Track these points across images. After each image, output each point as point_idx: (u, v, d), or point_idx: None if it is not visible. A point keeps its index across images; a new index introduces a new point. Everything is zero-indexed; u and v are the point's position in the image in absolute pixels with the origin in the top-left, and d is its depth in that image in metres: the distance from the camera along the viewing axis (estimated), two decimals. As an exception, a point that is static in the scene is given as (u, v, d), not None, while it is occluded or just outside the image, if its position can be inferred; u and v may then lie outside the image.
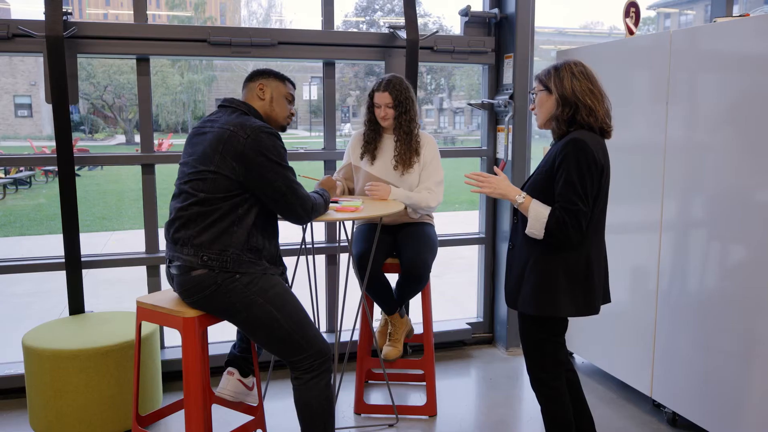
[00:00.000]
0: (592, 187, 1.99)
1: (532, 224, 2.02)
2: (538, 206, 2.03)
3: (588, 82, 2.06)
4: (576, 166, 1.96)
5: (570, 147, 1.98)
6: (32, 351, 2.64)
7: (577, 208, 1.96)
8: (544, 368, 2.16)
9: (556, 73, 2.08)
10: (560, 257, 2.04)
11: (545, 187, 2.05)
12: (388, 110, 2.86)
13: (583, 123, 2.04)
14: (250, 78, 2.33)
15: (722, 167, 2.47)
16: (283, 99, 2.33)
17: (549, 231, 1.99)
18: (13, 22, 2.91)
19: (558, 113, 2.07)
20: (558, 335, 2.16)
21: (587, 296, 2.08)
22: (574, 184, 1.96)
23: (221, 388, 2.45)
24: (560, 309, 2.05)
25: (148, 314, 2.28)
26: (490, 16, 3.62)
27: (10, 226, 10.05)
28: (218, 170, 2.08)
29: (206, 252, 2.09)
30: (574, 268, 2.05)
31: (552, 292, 2.05)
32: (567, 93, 2.04)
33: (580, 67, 2.08)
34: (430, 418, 2.95)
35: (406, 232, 2.91)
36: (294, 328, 2.16)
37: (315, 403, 2.19)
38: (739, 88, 2.39)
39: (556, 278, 2.04)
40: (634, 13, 3.20)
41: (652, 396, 2.89)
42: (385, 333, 3.05)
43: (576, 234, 1.97)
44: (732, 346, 2.46)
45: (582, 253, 2.05)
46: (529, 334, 2.17)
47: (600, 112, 2.05)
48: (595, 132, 2.06)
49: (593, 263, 2.08)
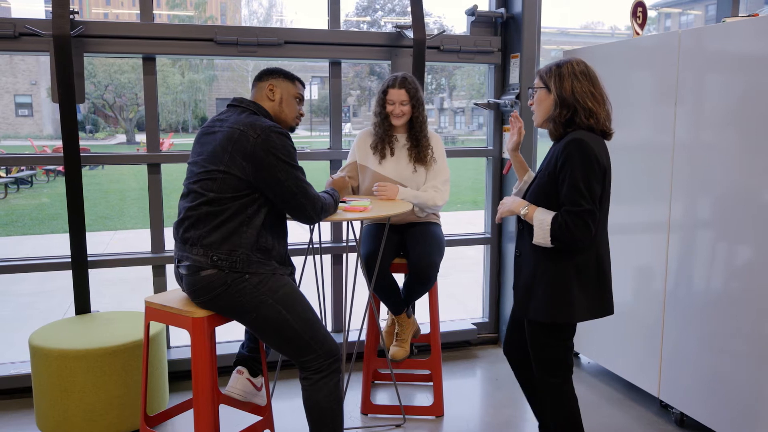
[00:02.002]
0: (597, 185, 1.95)
1: (538, 233, 1.98)
2: (541, 214, 1.99)
3: (589, 84, 2.00)
4: (579, 167, 1.92)
5: (571, 147, 1.94)
6: (39, 351, 2.63)
7: (582, 209, 1.92)
8: (555, 373, 2.13)
9: (558, 71, 2.02)
10: (570, 262, 2.00)
11: (549, 191, 2.01)
12: (404, 107, 2.84)
13: (583, 125, 1.99)
14: (259, 77, 2.32)
15: (731, 167, 2.47)
16: (292, 99, 2.32)
17: (554, 236, 1.95)
18: (19, 20, 2.91)
19: (555, 114, 2.02)
20: (568, 339, 2.13)
21: (602, 298, 2.06)
22: (578, 185, 1.92)
23: (230, 387, 2.44)
24: (574, 315, 2.02)
25: (156, 314, 2.28)
26: (497, 15, 3.62)
27: (12, 226, 10.04)
28: (228, 170, 2.07)
29: (216, 252, 2.08)
30: (585, 271, 2.02)
31: (565, 298, 2.00)
32: (566, 94, 1.99)
33: (582, 66, 2.02)
34: (437, 418, 2.94)
35: (414, 232, 2.90)
36: (303, 328, 2.15)
37: (324, 404, 2.19)
38: (748, 89, 2.39)
39: (568, 283, 2.00)
40: (641, 13, 3.20)
41: (660, 396, 2.88)
42: (392, 333, 3.04)
43: (583, 235, 1.93)
44: (740, 347, 2.46)
45: (591, 255, 2.02)
46: (539, 341, 2.12)
47: (601, 116, 2.00)
48: (595, 133, 2.01)
49: (604, 263, 2.06)
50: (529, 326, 2.14)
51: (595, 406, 3.06)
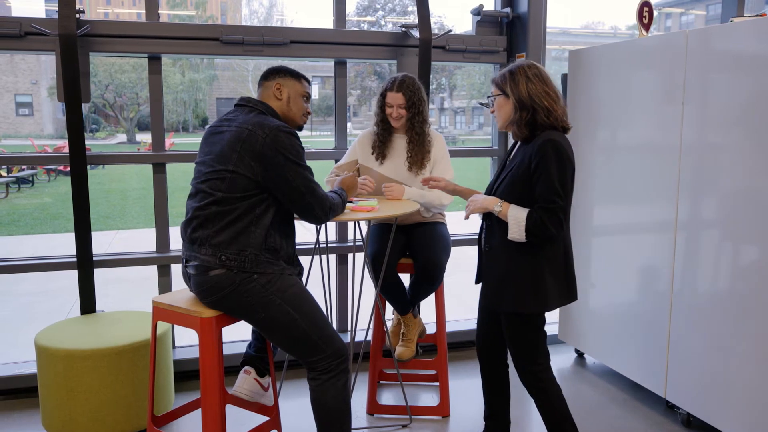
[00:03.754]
0: (570, 183, 2.09)
1: (513, 229, 2.09)
2: (515, 211, 2.09)
3: (543, 84, 2.11)
4: (554, 166, 2.03)
5: (547, 148, 2.04)
6: (45, 351, 2.62)
7: (556, 206, 2.04)
8: (535, 361, 2.23)
9: (511, 77, 2.13)
10: (541, 254, 2.12)
11: (522, 189, 2.11)
12: (401, 111, 2.84)
13: (545, 124, 2.10)
14: (265, 76, 2.31)
15: (738, 168, 2.46)
16: (299, 97, 2.31)
17: (529, 232, 2.06)
18: (25, 20, 2.90)
19: (516, 118, 2.13)
20: (542, 325, 2.24)
21: (569, 285, 2.20)
22: (553, 184, 2.03)
23: (238, 387, 2.43)
24: (548, 304, 2.14)
25: (164, 314, 2.27)
26: (502, 15, 3.61)
27: (14, 225, 10.04)
28: (236, 170, 2.07)
29: (224, 252, 2.07)
30: (554, 262, 2.14)
31: (538, 289, 2.12)
32: (523, 97, 2.10)
33: (534, 69, 2.13)
34: (443, 418, 2.94)
35: (420, 232, 2.90)
36: (312, 328, 2.15)
37: (332, 404, 2.18)
38: (756, 89, 2.38)
39: (541, 274, 2.12)
40: (647, 13, 3.19)
41: (666, 397, 2.88)
42: (398, 333, 3.04)
43: (556, 229, 2.05)
44: (748, 347, 2.45)
45: (559, 247, 2.15)
46: (516, 332, 2.22)
47: (558, 112, 2.11)
48: (557, 130, 2.12)
49: (569, 253, 2.19)
50: (506, 318, 2.23)
51: (600, 407, 3.06)
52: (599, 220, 3.33)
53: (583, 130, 3.36)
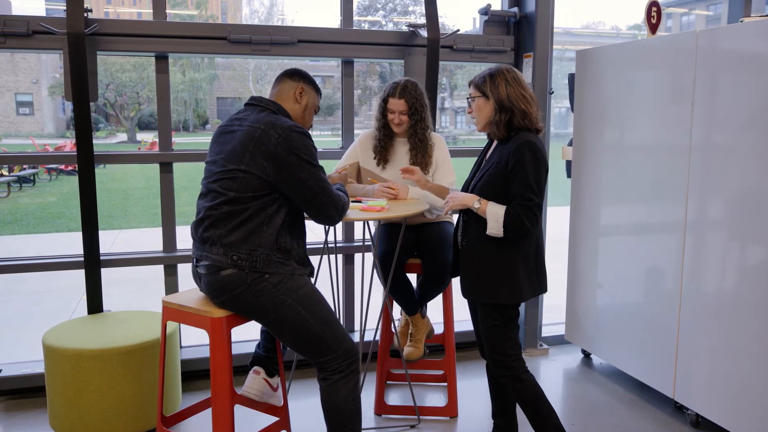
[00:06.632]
0: (545, 182, 2.21)
1: (492, 225, 2.18)
2: (494, 208, 2.18)
3: (520, 88, 2.21)
4: (531, 167, 2.14)
5: (524, 149, 2.14)
6: (53, 350, 2.62)
7: (533, 203, 2.14)
8: (506, 351, 2.29)
9: (492, 80, 2.22)
10: (516, 249, 2.23)
11: (499, 187, 2.20)
12: (403, 117, 2.83)
13: (520, 126, 2.20)
14: (290, 75, 2.28)
15: (748, 168, 2.46)
16: (312, 110, 2.34)
17: (507, 228, 2.15)
18: (33, 18, 2.89)
19: (496, 119, 2.22)
20: (515, 317, 2.32)
21: (540, 277, 2.31)
22: (529, 182, 2.14)
23: (247, 387, 2.42)
24: (521, 295, 2.24)
25: (174, 314, 2.27)
26: (510, 15, 3.61)
27: (17, 224, 10.03)
28: (249, 169, 2.06)
29: (236, 252, 2.07)
30: (527, 256, 2.25)
31: (513, 281, 2.23)
32: (503, 99, 2.19)
33: (513, 73, 2.23)
34: (451, 419, 2.93)
35: (428, 232, 2.89)
36: (323, 328, 2.14)
37: (343, 405, 2.18)
38: (767, 89, 2.38)
39: (515, 267, 2.23)
40: (655, 13, 3.19)
41: (674, 398, 2.87)
42: (406, 333, 3.03)
43: (532, 225, 2.16)
44: (757, 348, 2.44)
45: (532, 242, 2.26)
46: (489, 322, 2.29)
47: (533, 115, 2.22)
48: (531, 131, 2.21)
49: (540, 248, 2.31)
50: (482, 309, 2.31)
51: (608, 408, 3.06)
52: (607, 220, 3.32)
53: (591, 129, 3.35)
